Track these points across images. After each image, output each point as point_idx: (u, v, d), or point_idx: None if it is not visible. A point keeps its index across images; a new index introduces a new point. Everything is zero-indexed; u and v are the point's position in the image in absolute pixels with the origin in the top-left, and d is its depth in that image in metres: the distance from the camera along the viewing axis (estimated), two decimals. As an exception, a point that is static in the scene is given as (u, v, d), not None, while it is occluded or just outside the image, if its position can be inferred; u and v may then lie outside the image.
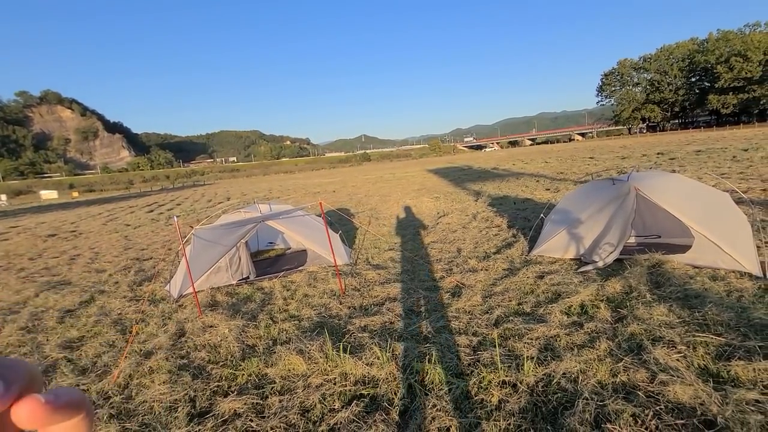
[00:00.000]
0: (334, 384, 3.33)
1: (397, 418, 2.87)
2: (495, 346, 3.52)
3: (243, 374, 3.65)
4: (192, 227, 5.69)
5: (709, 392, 2.68)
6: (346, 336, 4.17)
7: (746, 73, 66.33)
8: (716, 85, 72.05)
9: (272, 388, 3.39)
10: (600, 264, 5.40)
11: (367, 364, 3.51)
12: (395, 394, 3.11)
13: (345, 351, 3.68)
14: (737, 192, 6.70)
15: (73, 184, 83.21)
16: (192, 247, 5.71)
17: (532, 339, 3.72)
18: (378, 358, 3.55)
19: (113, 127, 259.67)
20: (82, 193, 62.79)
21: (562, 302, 4.42)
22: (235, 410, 3.11)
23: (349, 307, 5.00)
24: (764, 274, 4.52)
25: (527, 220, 8.90)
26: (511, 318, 4.23)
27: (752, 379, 2.82)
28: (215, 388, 3.47)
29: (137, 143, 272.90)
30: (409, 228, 9.87)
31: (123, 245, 11.19)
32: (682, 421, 2.50)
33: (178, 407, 3.21)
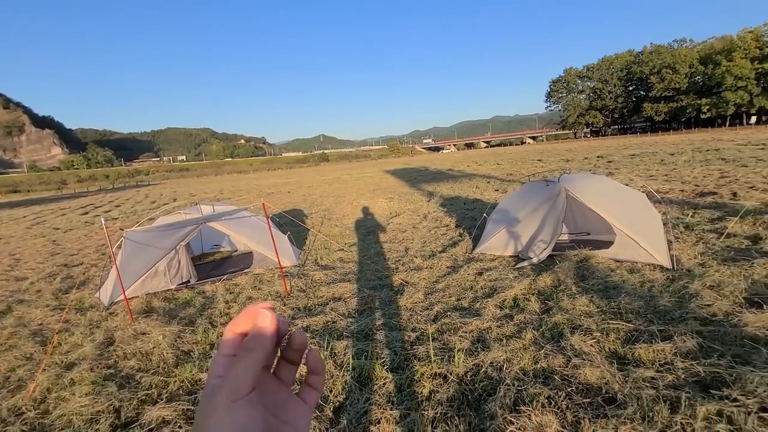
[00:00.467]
0: (271, 385, 3.30)
1: (330, 414, 2.90)
2: (430, 341, 3.66)
3: (175, 381, 3.51)
4: (122, 230, 5.36)
5: (613, 373, 2.97)
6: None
7: (675, 84, 73.14)
8: (650, 94, 78.80)
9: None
10: (535, 260, 5.75)
11: (304, 364, 3.50)
12: (330, 391, 3.14)
13: (283, 352, 3.65)
14: (653, 193, 7.39)
15: (-5, 183, 75.09)
16: (123, 251, 5.38)
17: (466, 332, 3.89)
18: (316, 358, 3.56)
19: (42, 122, 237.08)
20: (4, 194, 56.82)
21: (497, 297, 4.67)
22: (163, 418, 2.99)
23: (293, 308, 4.96)
24: (673, 266, 5.03)
25: (474, 219, 9.24)
26: (449, 313, 4.40)
27: (651, 359, 3.15)
28: (143, 397, 3.31)
29: (71, 140, 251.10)
30: (361, 228, 9.93)
31: (49, 250, 10.28)
32: (588, 400, 2.75)
33: (100, 419, 3.04)
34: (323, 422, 2.80)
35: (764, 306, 3.71)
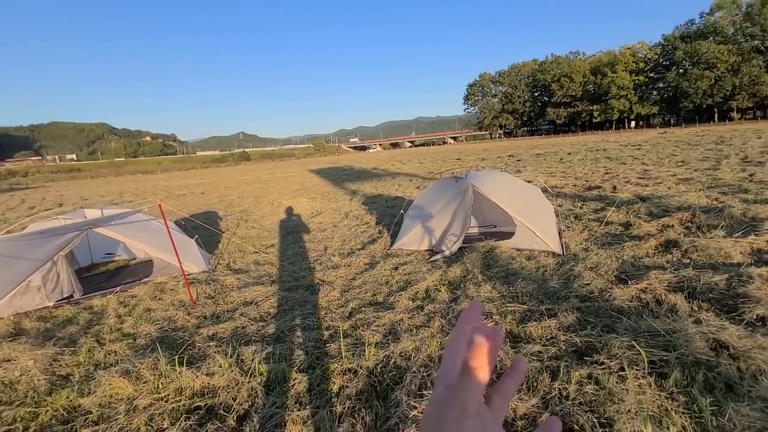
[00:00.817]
0: (166, 401, 3.01)
1: (233, 423, 2.73)
2: (341, 337, 3.65)
3: (48, 410, 3.03)
4: (-24, 239, 4.50)
5: (507, 350, 3.24)
6: (189, 348, 3.83)
7: (572, 91, 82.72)
8: (552, 100, 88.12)
9: (86, 419, 2.90)
10: (447, 253, 6.06)
11: (207, 375, 3.27)
12: (234, 399, 2.96)
13: (182, 364, 3.37)
14: (547, 188, 8.23)
15: None
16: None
17: (379, 326, 3.95)
18: (220, 366, 3.34)
19: None
20: None
21: (411, 289, 4.82)
22: (27, 456, 2.56)
23: (199, 317, 4.60)
24: (563, 252, 5.65)
25: (394, 216, 9.45)
26: (363, 309, 4.44)
27: (540, 335, 3.50)
28: (3, 434, 2.81)
29: None
30: (280, 229, 9.59)
31: None
32: (485, 378, 2.95)
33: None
34: (224, 434, 2.63)
35: (629, 281, 4.33)
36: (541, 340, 3.42)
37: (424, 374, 3.03)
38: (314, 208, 12.42)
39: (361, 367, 3.24)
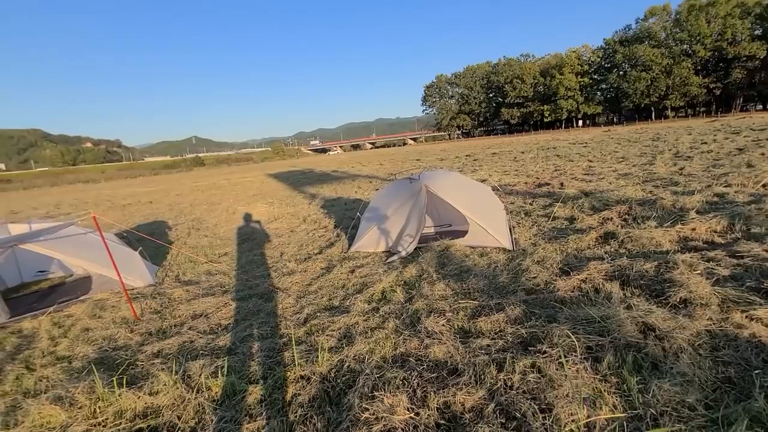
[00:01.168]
0: (105, 426, 2.83)
1: (177, 445, 2.61)
2: (293, 345, 3.59)
3: (-37, 450, 2.75)
4: None
5: (457, 347, 3.32)
6: (131, 367, 3.61)
7: (524, 92, 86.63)
8: (506, 101, 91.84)
9: (10, 455, 2.66)
10: (403, 253, 6.13)
11: (149, 394, 3.09)
12: (179, 418, 2.83)
13: (122, 385, 3.17)
14: (497, 187, 8.55)
15: None
16: None
17: (333, 330, 3.93)
18: (165, 385, 3.17)
19: None
20: None
21: (367, 292, 4.83)
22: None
23: (143, 334, 4.35)
24: (513, 248, 5.89)
25: (352, 219, 9.46)
26: (318, 314, 4.39)
27: (489, 330, 3.62)
28: None
29: None
30: (235, 237, 9.29)
31: None
32: (436, 375, 3.02)
33: None
34: (166, 455, 2.50)
35: (571, 273, 4.59)
36: (489, 334, 3.54)
37: (377, 376, 3.05)
38: (271, 213, 12.14)
39: (314, 374, 3.21)
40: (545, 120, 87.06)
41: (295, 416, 2.75)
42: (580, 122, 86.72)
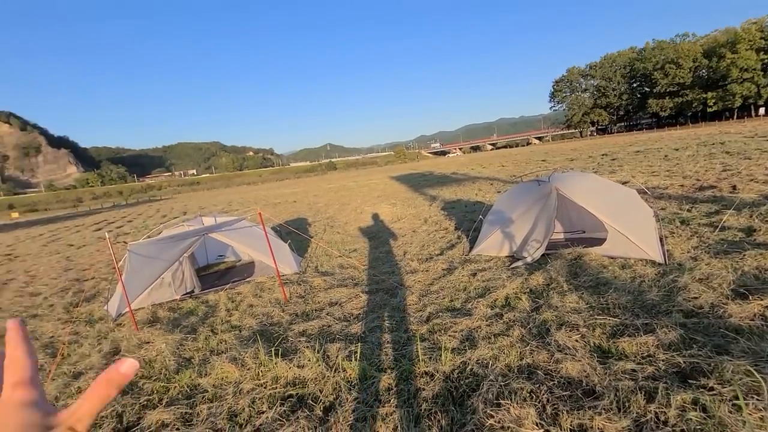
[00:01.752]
0: (265, 387, 3.44)
1: (320, 413, 3.02)
2: (418, 341, 3.77)
3: (175, 386, 3.67)
4: (126, 243, 5.59)
5: (594, 366, 3.04)
6: (283, 342, 4.28)
7: (679, 78, 72.49)
8: (654, 90, 78.19)
9: (203, 396, 3.45)
10: (529, 259, 5.82)
11: (298, 367, 3.64)
12: (321, 391, 3.27)
13: (278, 355, 3.80)
14: (645, 190, 7.40)
15: (13, 204, 77.12)
16: (129, 264, 5.60)
17: (456, 332, 3.99)
18: (309, 360, 3.69)
19: (58, 142, 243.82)
20: (23, 213, 58.32)
21: (489, 297, 4.76)
22: (162, 421, 3.14)
23: (291, 314, 5.10)
24: (665, 261, 5.06)
25: (474, 222, 9.33)
26: (440, 314, 4.50)
27: (634, 352, 3.22)
28: (145, 402, 3.47)
29: (86, 158, 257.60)
30: (363, 235, 10.08)
31: (63, 266, 10.62)
32: (568, 393, 2.83)
33: (103, 423, 3.21)
34: (312, 421, 2.92)
35: (750, 297, 3.74)
36: (635, 357, 3.15)
37: (502, 383, 3.00)
38: (395, 214, 12.77)
39: (437, 371, 3.32)
40: (708, 110, 70.93)
41: (420, 409, 2.90)
42: (762, 110, 67.97)
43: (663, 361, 3.02)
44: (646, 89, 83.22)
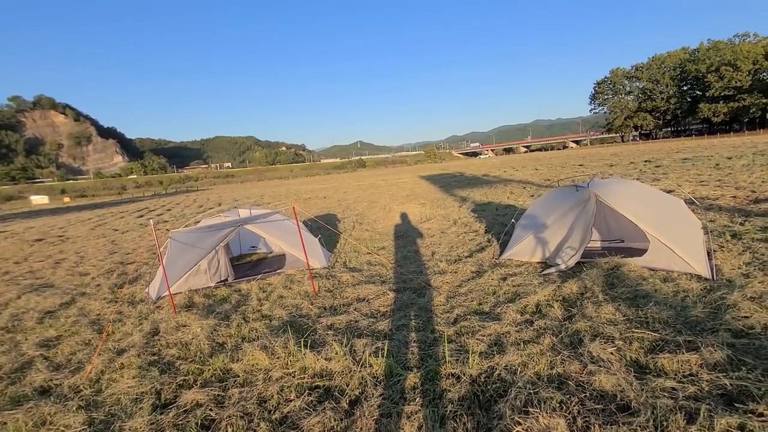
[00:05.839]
0: (293, 377, 3.53)
1: (346, 406, 3.07)
2: (445, 342, 3.74)
3: (209, 369, 3.83)
4: (168, 231, 5.88)
5: (630, 381, 2.92)
6: (312, 334, 4.38)
7: (736, 82, 67.84)
8: (707, 94, 73.58)
9: (235, 381, 3.59)
10: (562, 267, 5.64)
11: (326, 359, 3.71)
12: (347, 385, 3.31)
13: (306, 347, 3.89)
14: (693, 200, 6.99)
15: (65, 189, 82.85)
16: (169, 250, 5.89)
17: (483, 335, 3.94)
18: (336, 353, 3.75)
19: (107, 133, 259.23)
20: (73, 199, 62.52)
21: (519, 302, 4.66)
22: (197, 401, 3.29)
23: (320, 308, 5.20)
24: (713, 276, 4.77)
25: (505, 225, 9.13)
26: (468, 316, 4.45)
27: (675, 370, 3.06)
28: (181, 382, 3.65)
29: (131, 149, 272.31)
30: (391, 233, 10.11)
31: (109, 249, 11.32)
32: (601, 406, 2.73)
33: (143, 399, 3.40)
34: (339, 413, 2.98)
35: (809, 320, 3.47)
36: (676, 375, 2.99)
37: (531, 391, 2.94)
38: (423, 213, 12.73)
39: (464, 374, 3.29)
40: (768, 116, 65.97)
41: (446, 410, 2.89)
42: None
43: (707, 381, 2.85)
44: (698, 92, 78.48)
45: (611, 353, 3.35)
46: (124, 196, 57.19)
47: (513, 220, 7.31)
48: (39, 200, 61.67)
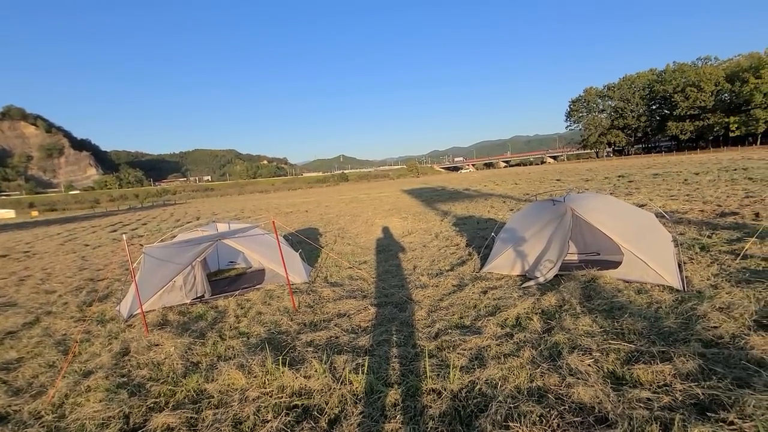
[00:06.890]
0: (271, 396, 3.42)
1: (325, 425, 2.99)
2: (426, 357, 3.71)
3: (182, 390, 3.67)
4: (142, 246, 5.70)
5: (607, 392, 2.95)
6: (290, 351, 4.27)
7: (700, 102, 71.71)
8: (674, 113, 77.35)
9: (209, 402, 3.45)
10: (541, 279, 5.73)
11: (305, 377, 3.62)
12: (326, 403, 3.23)
13: (285, 364, 3.78)
14: (663, 213, 7.26)
15: (33, 202, 79.54)
16: (143, 266, 5.69)
17: (465, 349, 3.93)
18: (316, 371, 3.67)
19: (80, 144, 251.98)
20: (42, 212, 60.04)
21: (500, 315, 4.68)
22: (168, 425, 3.14)
23: (300, 324, 5.09)
24: (684, 288, 4.93)
25: (485, 239, 9.24)
26: (449, 330, 4.44)
27: (650, 380, 3.12)
28: (152, 405, 3.48)
29: (106, 161, 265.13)
30: (373, 247, 10.07)
31: (78, 265, 10.85)
32: (580, 419, 2.74)
33: (110, 424, 3.22)
34: (317, 433, 2.89)
35: (773, 329, 3.61)
36: (651, 386, 3.05)
37: (511, 405, 2.93)
38: (405, 227, 12.76)
39: (445, 389, 3.27)
40: (731, 134, 69.76)
41: (426, 427, 2.85)
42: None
43: (680, 391, 2.92)
44: (666, 111, 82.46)
45: (589, 365, 3.39)
46: (97, 210, 55.23)
47: (493, 234, 7.41)
48: (4, 214, 59.02)
